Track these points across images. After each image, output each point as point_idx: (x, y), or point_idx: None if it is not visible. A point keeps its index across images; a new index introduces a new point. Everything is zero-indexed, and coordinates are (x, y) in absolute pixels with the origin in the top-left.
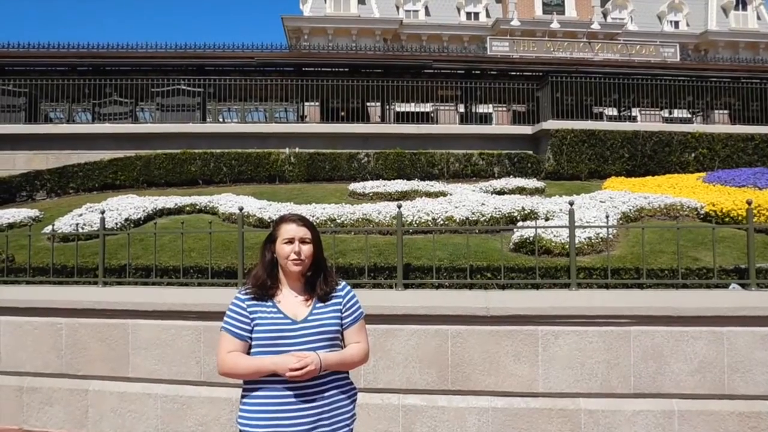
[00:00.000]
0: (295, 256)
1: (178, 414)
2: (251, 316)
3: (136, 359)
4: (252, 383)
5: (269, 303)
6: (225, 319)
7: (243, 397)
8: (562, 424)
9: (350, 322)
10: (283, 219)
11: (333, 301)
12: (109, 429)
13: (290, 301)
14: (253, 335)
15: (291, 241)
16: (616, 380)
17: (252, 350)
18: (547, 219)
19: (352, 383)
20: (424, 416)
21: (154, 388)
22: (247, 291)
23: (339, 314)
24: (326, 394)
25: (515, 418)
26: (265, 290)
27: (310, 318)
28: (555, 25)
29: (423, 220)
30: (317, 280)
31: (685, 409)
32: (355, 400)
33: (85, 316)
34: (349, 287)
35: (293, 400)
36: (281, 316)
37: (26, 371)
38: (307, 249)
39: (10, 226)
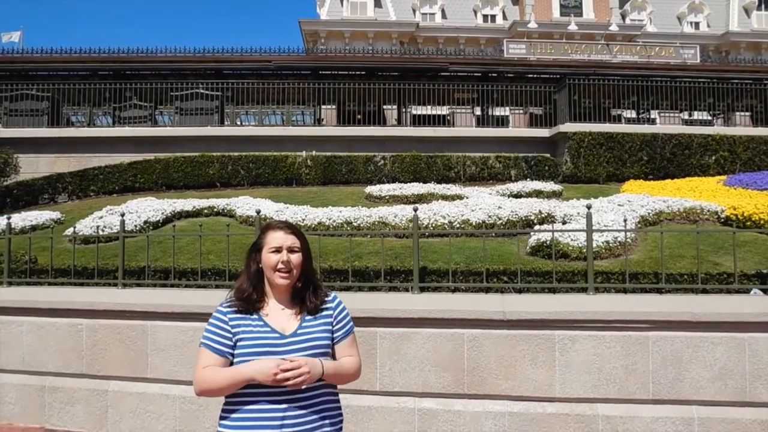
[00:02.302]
0: (283, 266)
1: (195, 415)
2: (233, 331)
3: (155, 360)
4: (232, 402)
5: (254, 316)
6: (204, 333)
7: (222, 418)
8: (580, 429)
9: (342, 336)
10: (269, 226)
11: (323, 313)
12: (128, 429)
13: (277, 315)
14: (237, 351)
15: (278, 250)
16: (634, 386)
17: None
18: (564, 223)
19: (340, 407)
20: (440, 420)
21: (173, 389)
22: (230, 303)
23: (330, 327)
24: (316, 408)
25: (532, 423)
26: (250, 304)
27: (299, 332)
28: (572, 27)
29: (439, 224)
30: (306, 292)
31: (705, 416)
32: (340, 428)
33: (105, 318)
34: (339, 299)
35: (280, 415)
36: (268, 330)
37: (48, 371)
38: (295, 258)
39: (33, 228)
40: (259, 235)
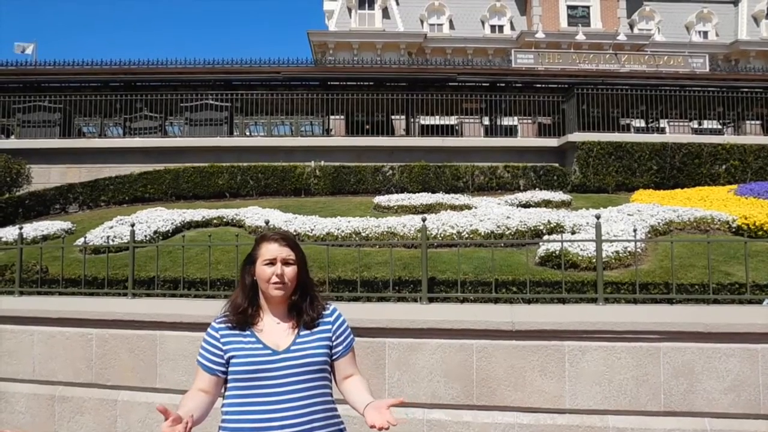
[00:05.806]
0: (277, 279)
1: (204, 425)
2: (224, 348)
3: (164, 370)
4: (227, 415)
5: (247, 332)
6: (199, 350)
7: (220, 428)
8: None
9: (343, 351)
10: (263, 238)
11: (320, 328)
12: None
13: (272, 329)
14: (230, 368)
15: (272, 263)
16: (645, 397)
17: (228, 385)
18: (573, 232)
19: (341, 422)
20: (449, 431)
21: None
22: (223, 319)
23: (328, 342)
24: (314, 425)
25: None
26: (245, 318)
27: (293, 348)
28: (580, 37)
29: (448, 234)
30: (303, 305)
31: (718, 429)
32: None
33: (114, 327)
34: (338, 312)
35: None
36: (260, 346)
37: (58, 380)
38: (290, 271)
39: (44, 238)
40: (253, 246)
